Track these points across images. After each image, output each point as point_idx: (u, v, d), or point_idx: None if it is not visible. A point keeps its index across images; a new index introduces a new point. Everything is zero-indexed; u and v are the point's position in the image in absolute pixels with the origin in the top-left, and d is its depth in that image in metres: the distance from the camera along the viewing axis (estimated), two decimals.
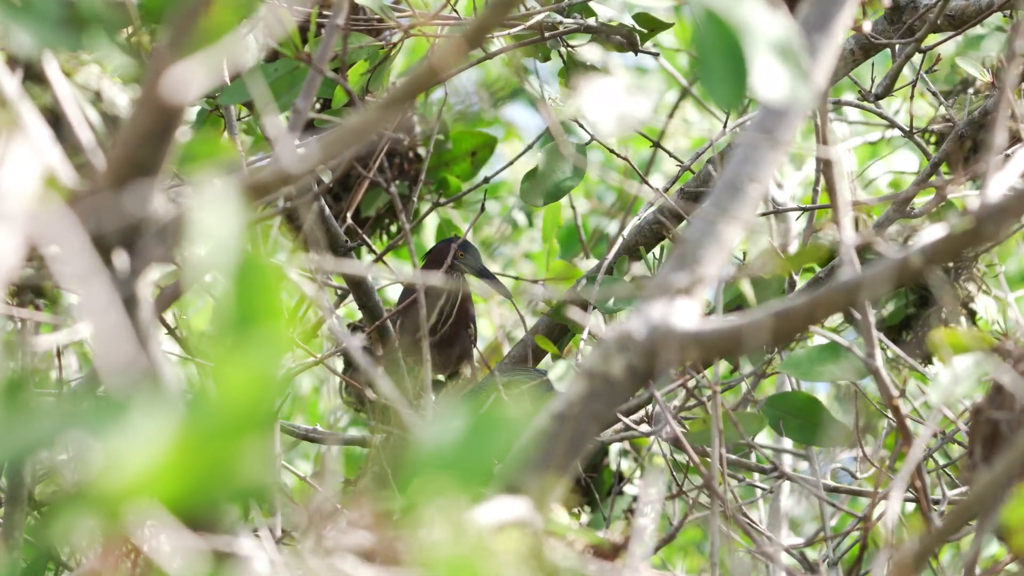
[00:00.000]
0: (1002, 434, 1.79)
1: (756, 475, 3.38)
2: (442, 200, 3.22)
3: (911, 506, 3.65)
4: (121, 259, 1.32)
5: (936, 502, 2.62)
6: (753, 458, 2.97)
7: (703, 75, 1.35)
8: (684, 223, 2.88)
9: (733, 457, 2.94)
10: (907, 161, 4.41)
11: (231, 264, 1.07)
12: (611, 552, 1.55)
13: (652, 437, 2.59)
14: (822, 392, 4.25)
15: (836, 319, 3.02)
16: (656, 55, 2.77)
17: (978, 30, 3.34)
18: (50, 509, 1.06)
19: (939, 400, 1.79)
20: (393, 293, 4.14)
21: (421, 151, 3.32)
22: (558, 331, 3.04)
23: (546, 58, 2.73)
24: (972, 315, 3.04)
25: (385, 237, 3.31)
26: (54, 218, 1.21)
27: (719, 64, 1.35)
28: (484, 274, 2.98)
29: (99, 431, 1.01)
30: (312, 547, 1.22)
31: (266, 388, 1.02)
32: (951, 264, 3.00)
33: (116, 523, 1.03)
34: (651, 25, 2.70)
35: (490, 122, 4.48)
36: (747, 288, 2.38)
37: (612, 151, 2.85)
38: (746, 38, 1.35)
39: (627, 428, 2.69)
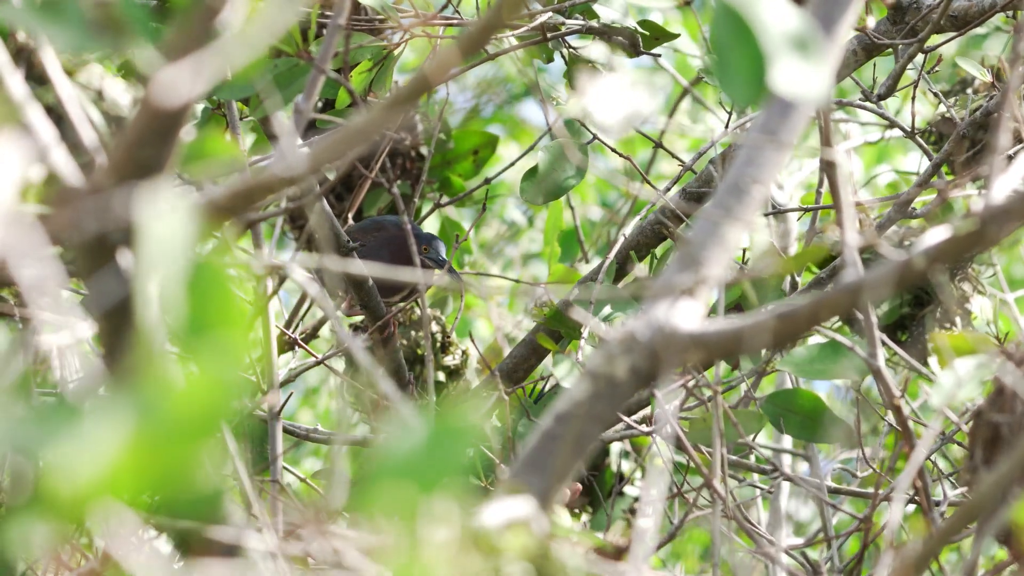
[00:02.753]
0: (1003, 437, 1.79)
1: (756, 476, 3.37)
2: (443, 201, 3.22)
3: (911, 508, 3.65)
4: (125, 258, 1.32)
5: (936, 503, 2.62)
6: (752, 459, 2.97)
7: (720, 73, 1.34)
8: (686, 224, 2.88)
9: (733, 458, 2.94)
10: (911, 161, 4.41)
11: (182, 270, 1.06)
12: (613, 553, 1.55)
13: (653, 437, 2.59)
14: (822, 391, 4.25)
15: (834, 319, 3.02)
16: (657, 56, 2.76)
17: (980, 30, 3.33)
18: (6, 514, 1.05)
19: (941, 403, 1.78)
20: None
21: (423, 150, 3.32)
22: (557, 336, 3.04)
23: (549, 59, 2.73)
24: (968, 315, 3.04)
25: None
26: (25, 224, 1.21)
27: (737, 61, 1.34)
28: (447, 268, 2.99)
29: (55, 435, 1.01)
30: (317, 546, 1.22)
31: (221, 392, 1.02)
32: (947, 265, 2.99)
33: (73, 527, 1.03)
34: (657, 33, 2.70)
35: (500, 120, 4.48)
36: (749, 291, 2.38)
37: (615, 150, 2.85)
38: (763, 34, 1.35)
39: (628, 427, 2.69)
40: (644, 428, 2.66)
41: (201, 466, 1.02)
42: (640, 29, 2.68)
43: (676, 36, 2.72)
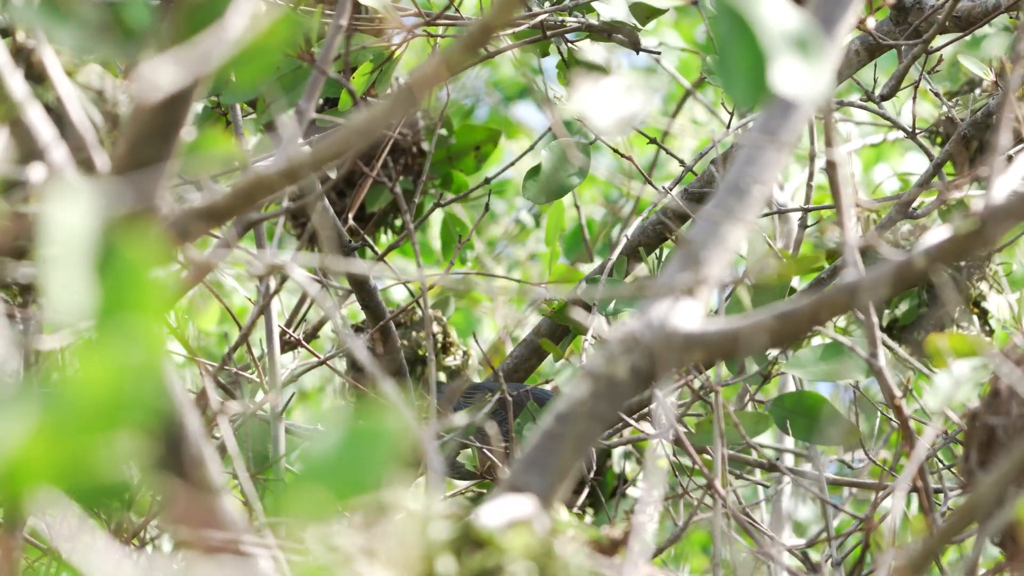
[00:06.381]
0: (998, 439, 1.79)
1: (758, 473, 3.37)
2: (445, 200, 3.21)
3: (912, 507, 3.64)
4: None
5: (938, 502, 2.62)
6: (753, 454, 2.96)
7: (721, 72, 1.34)
8: (688, 223, 2.88)
9: (733, 452, 2.94)
10: (915, 163, 4.41)
11: (90, 256, 1.03)
12: (610, 548, 1.55)
13: (653, 438, 2.58)
14: (825, 392, 4.24)
15: (843, 319, 3.01)
16: (659, 54, 2.76)
17: (982, 30, 3.33)
18: None
19: (938, 405, 1.78)
20: (398, 293, 4.12)
21: (424, 146, 3.31)
22: (560, 332, 3.04)
23: (544, 53, 2.74)
24: (984, 314, 3.03)
25: (390, 233, 3.31)
26: None
27: (738, 61, 1.34)
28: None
29: None
30: (319, 545, 1.22)
31: (129, 380, 0.99)
32: (963, 263, 2.99)
33: None
34: (647, 13, 2.69)
35: (495, 121, 4.48)
36: (743, 294, 2.38)
37: (616, 150, 2.85)
38: (764, 33, 1.34)
39: (630, 430, 2.68)
40: (647, 431, 2.66)
41: (109, 455, 0.99)
42: (639, 24, 2.68)
43: (664, 11, 2.71)
